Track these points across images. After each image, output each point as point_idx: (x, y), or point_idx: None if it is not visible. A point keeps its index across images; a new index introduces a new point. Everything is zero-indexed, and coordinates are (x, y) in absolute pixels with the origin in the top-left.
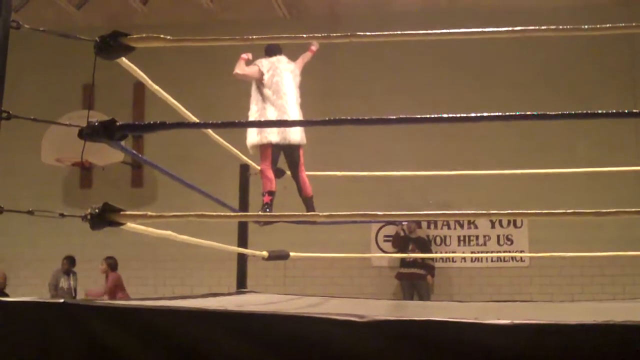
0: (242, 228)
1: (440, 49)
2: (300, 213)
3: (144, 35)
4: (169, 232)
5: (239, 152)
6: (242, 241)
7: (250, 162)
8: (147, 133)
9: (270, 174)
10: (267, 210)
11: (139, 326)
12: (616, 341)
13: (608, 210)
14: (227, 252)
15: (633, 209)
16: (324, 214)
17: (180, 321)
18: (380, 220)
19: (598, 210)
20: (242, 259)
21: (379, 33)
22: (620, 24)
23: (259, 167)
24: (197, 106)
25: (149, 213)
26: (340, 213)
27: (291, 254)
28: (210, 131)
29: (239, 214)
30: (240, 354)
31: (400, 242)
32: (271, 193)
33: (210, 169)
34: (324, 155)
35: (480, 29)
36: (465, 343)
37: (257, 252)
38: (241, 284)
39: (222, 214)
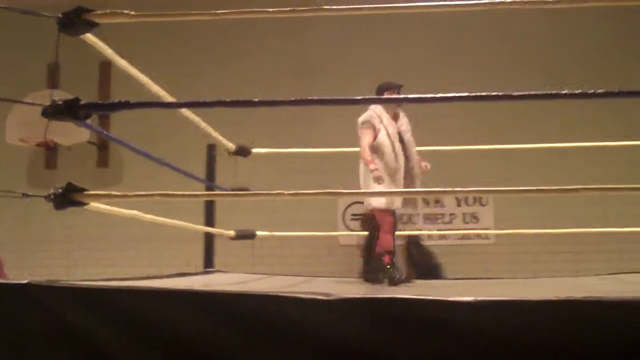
0: (209, 207)
1: (414, 28)
2: (267, 192)
3: (107, 10)
4: (134, 212)
5: (211, 130)
6: (209, 220)
7: (222, 139)
8: (112, 112)
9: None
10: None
11: (105, 307)
12: (577, 317)
13: (572, 187)
14: (195, 231)
15: (596, 186)
16: (290, 192)
17: (146, 301)
18: (347, 197)
19: (562, 187)
20: (209, 239)
21: (348, 7)
22: None
23: (230, 146)
24: (165, 86)
25: (113, 193)
26: (305, 191)
27: (258, 233)
28: (180, 110)
29: (204, 192)
30: (207, 333)
31: (366, 222)
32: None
33: (178, 149)
34: (293, 133)
35: (454, 2)
36: (430, 320)
37: (224, 231)
38: (208, 264)
39: (187, 192)
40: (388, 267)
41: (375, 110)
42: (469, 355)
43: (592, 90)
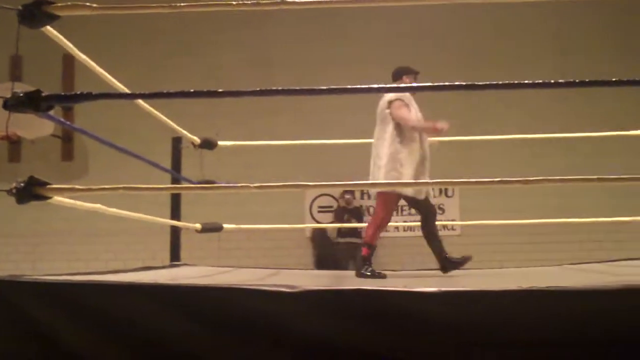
0: (175, 200)
1: (376, 20)
2: (232, 185)
3: (68, 3)
4: (98, 205)
5: (172, 124)
6: (175, 214)
7: (185, 133)
8: (74, 104)
9: None
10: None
11: (68, 302)
12: (539, 306)
13: (535, 179)
14: (162, 225)
15: (558, 177)
16: (255, 184)
17: (111, 296)
18: (314, 189)
19: (525, 179)
20: (175, 232)
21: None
22: None
23: (195, 139)
24: (130, 78)
25: (77, 186)
26: (271, 184)
27: (224, 226)
28: (143, 103)
29: (169, 186)
30: (173, 327)
31: (339, 214)
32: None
33: (143, 143)
34: (258, 125)
35: None
36: (395, 311)
37: (190, 225)
38: (175, 257)
39: (152, 186)
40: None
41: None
42: (434, 345)
43: (553, 80)
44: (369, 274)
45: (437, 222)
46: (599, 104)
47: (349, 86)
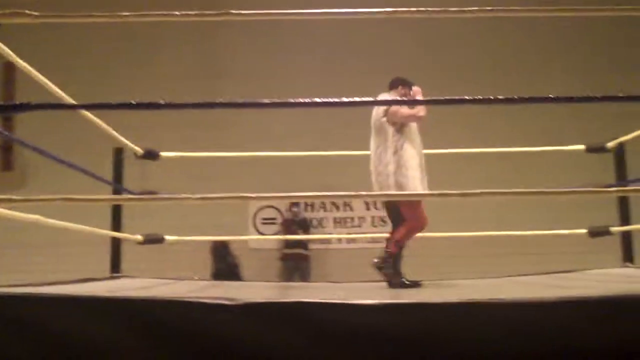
0: (116, 212)
1: (323, 32)
2: (173, 196)
3: (7, 11)
4: (36, 217)
5: (115, 134)
6: (116, 225)
7: (128, 143)
8: (11, 113)
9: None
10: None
11: (3, 314)
12: (479, 318)
13: (473, 192)
14: (103, 236)
15: (497, 190)
16: (196, 196)
17: (47, 308)
18: (257, 201)
19: (464, 192)
20: (115, 243)
21: (256, 12)
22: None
23: (138, 149)
24: (74, 88)
25: (13, 197)
26: (212, 195)
27: (167, 237)
28: (87, 113)
29: (109, 197)
30: (111, 340)
31: (285, 225)
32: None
33: (85, 153)
34: (203, 136)
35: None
36: (334, 323)
37: (131, 236)
38: (115, 269)
39: (90, 197)
40: (391, 255)
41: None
42: (376, 357)
43: (494, 97)
44: (407, 282)
45: (379, 235)
46: (537, 119)
47: (293, 100)
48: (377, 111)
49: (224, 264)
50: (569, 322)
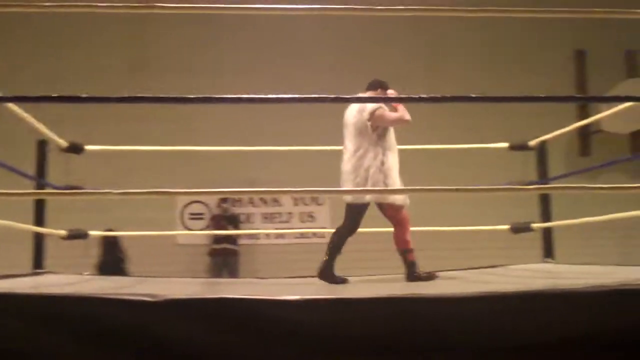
0: (39, 206)
1: (260, 27)
2: (95, 191)
3: None
4: None
5: (40, 127)
6: (39, 220)
7: (52, 136)
8: None
9: None
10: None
11: None
12: (400, 312)
13: (398, 188)
14: (26, 231)
15: (423, 187)
16: (118, 191)
17: None
18: (185, 196)
19: (389, 188)
20: (38, 239)
21: (182, 5)
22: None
23: (62, 142)
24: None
25: None
26: (135, 190)
27: (91, 232)
28: (11, 105)
29: (30, 191)
30: (32, 336)
31: (215, 220)
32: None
33: (6, 146)
34: (131, 130)
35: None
36: (259, 319)
37: (54, 231)
38: (38, 265)
39: (13, 191)
40: (413, 262)
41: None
42: (298, 352)
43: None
44: (424, 276)
45: (307, 230)
46: (460, 117)
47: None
48: (361, 114)
49: (111, 257)
50: (488, 316)
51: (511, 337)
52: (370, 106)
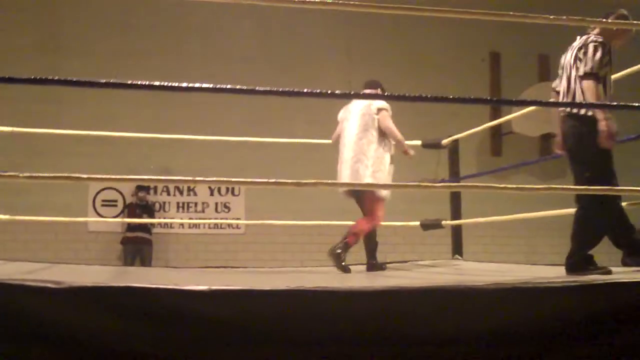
0: None
1: (171, 11)
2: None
3: None
4: None
5: None
6: None
7: None
8: None
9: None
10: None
11: None
12: (305, 304)
13: (315, 182)
14: None
15: (330, 182)
16: (25, 174)
17: None
18: (96, 182)
19: (298, 181)
20: None
21: None
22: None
23: None
24: None
25: None
26: (41, 175)
27: (1, 216)
28: None
29: None
30: None
31: (131, 209)
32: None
33: None
34: (42, 113)
35: None
36: (165, 308)
37: None
38: None
39: None
40: (347, 244)
41: None
42: (206, 342)
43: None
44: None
45: (222, 221)
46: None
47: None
48: (369, 107)
49: None
50: (392, 310)
51: (410, 332)
52: (378, 103)
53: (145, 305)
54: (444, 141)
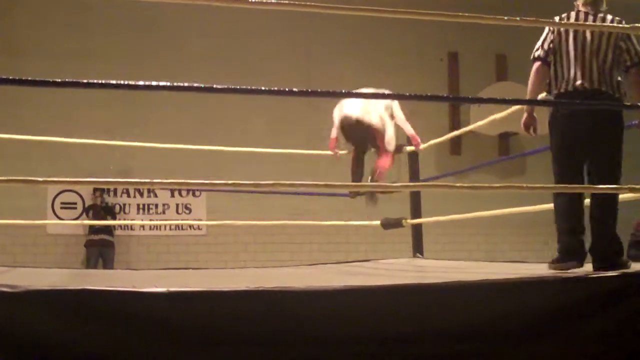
0: None
1: (132, 12)
2: None
3: None
4: None
5: None
6: None
7: None
8: None
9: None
10: None
11: None
12: (264, 305)
13: (275, 182)
14: None
15: (286, 182)
16: None
17: None
18: (55, 185)
19: (257, 182)
20: None
21: None
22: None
23: None
24: None
25: None
26: (3, 178)
27: None
28: None
29: None
30: None
31: (91, 211)
32: None
33: None
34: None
35: None
36: (122, 311)
37: None
38: None
39: None
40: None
41: None
42: (165, 344)
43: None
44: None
45: (183, 222)
46: None
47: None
48: (381, 101)
49: None
50: (353, 309)
51: (372, 331)
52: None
53: (102, 308)
54: (408, 148)
